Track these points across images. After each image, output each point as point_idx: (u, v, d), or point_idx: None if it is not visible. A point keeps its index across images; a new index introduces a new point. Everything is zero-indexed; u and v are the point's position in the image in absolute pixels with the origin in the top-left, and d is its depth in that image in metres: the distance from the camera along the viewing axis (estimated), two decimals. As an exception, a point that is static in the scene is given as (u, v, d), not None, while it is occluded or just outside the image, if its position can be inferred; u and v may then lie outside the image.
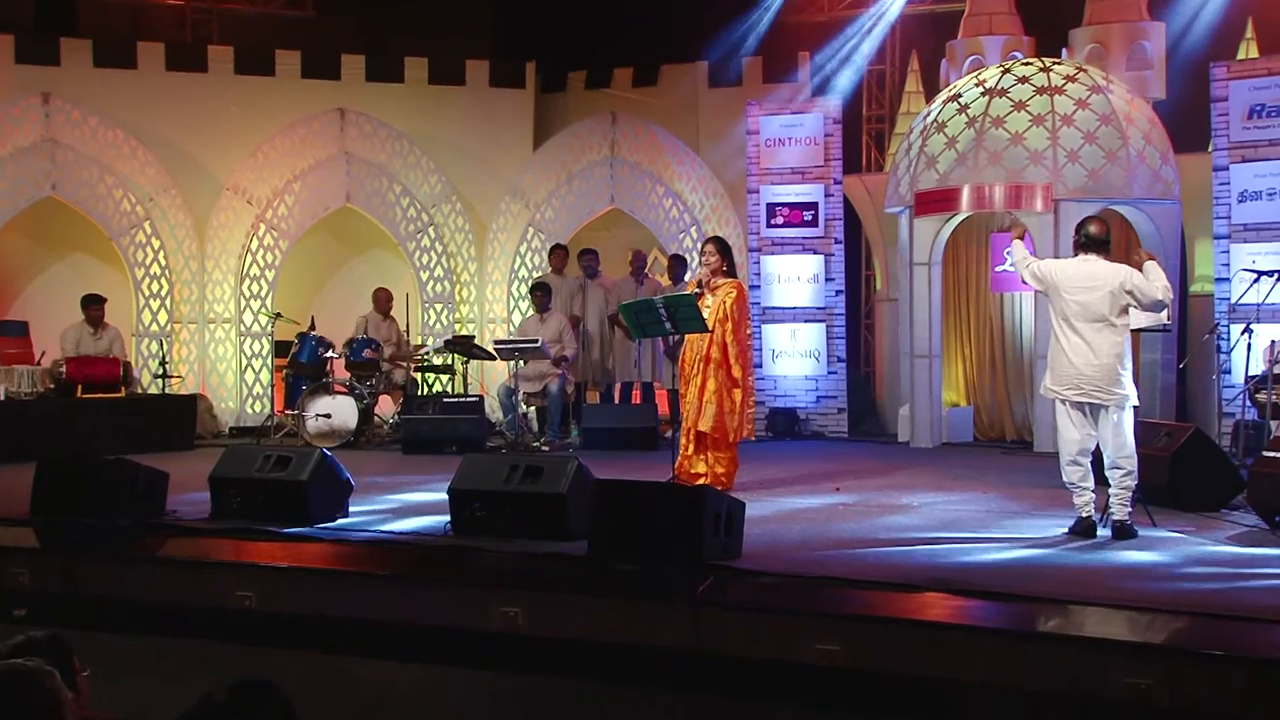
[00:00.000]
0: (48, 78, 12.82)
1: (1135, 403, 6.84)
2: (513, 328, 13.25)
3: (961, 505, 8.02)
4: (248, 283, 13.10)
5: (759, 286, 12.66)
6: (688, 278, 11.49)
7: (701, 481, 8.13)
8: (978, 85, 11.33)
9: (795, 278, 12.65)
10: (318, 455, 7.36)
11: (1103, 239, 6.96)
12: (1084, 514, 6.86)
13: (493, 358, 11.82)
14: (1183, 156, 11.25)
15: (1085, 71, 11.15)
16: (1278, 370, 8.98)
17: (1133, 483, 6.80)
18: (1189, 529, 7.06)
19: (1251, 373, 9.57)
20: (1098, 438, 6.86)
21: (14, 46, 12.99)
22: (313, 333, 11.98)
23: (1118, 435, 6.78)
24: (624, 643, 5.50)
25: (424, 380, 12.84)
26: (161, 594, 6.38)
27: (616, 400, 12.54)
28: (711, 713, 5.31)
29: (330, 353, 11.76)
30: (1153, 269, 6.85)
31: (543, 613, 5.67)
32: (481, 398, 11.60)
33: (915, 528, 7.20)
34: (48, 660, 3.06)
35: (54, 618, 5.85)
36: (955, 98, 11.40)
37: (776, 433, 12.36)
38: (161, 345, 12.47)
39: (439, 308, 13.60)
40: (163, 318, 12.83)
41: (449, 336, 12.66)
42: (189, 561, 6.56)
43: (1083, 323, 6.79)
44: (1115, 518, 6.79)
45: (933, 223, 11.53)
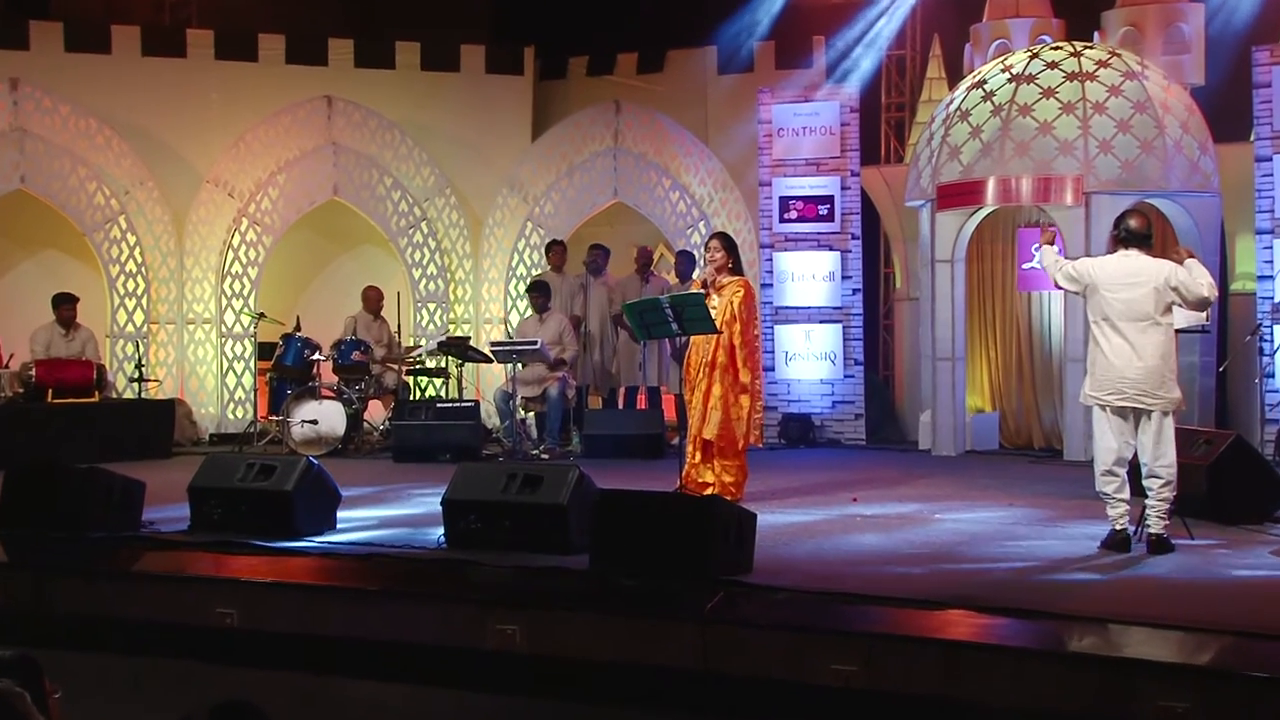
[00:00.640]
0: (16, 63, 12.81)
1: (1182, 407, 6.83)
2: (510, 328, 13.25)
3: (986, 517, 8.02)
4: (229, 281, 13.11)
5: (771, 285, 12.65)
6: (695, 275, 11.49)
7: (710, 491, 8.13)
8: (1004, 71, 11.32)
9: (810, 276, 12.65)
10: (304, 464, 7.37)
11: (1144, 233, 6.94)
12: (1118, 526, 6.85)
13: (489, 360, 11.83)
14: (1222, 146, 11.24)
15: (1118, 56, 11.15)
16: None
17: (1171, 494, 6.79)
18: (1228, 543, 7.05)
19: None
20: (1136, 445, 6.85)
21: (-20, 30, 13.04)
22: (298, 334, 11.99)
23: (1159, 442, 6.77)
24: (627, 663, 5.51)
25: (416, 384, 12.84)
26: (138, 611, 6.38)
27: (620, 405, 12.53)
28: (721, 737, 5.32)
29: (317, 355, 11.78)
30: (1195, 265, 6.83)
31: (541, 631, 5.67)
32: (477, 403, 11.61)
33: (937, 541, 7.20)
34: (17, 682, 3.06)
35: (23, 636, 5.86)
36: (980, 84, 11.40)
37: (790, 440, 12.35)
38: (137, 347, 12.48)
39: (432, 307, 13.61)
40: (139, 318, 12.84)
41: (443, 338, 12.66)
42: (167, 577, 6.57)
43: (1125, 322, 6.77)
44: (1151, 531, 6.79)
45: (956, 217, 11.52)
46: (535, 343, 11.10)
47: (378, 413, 12.53)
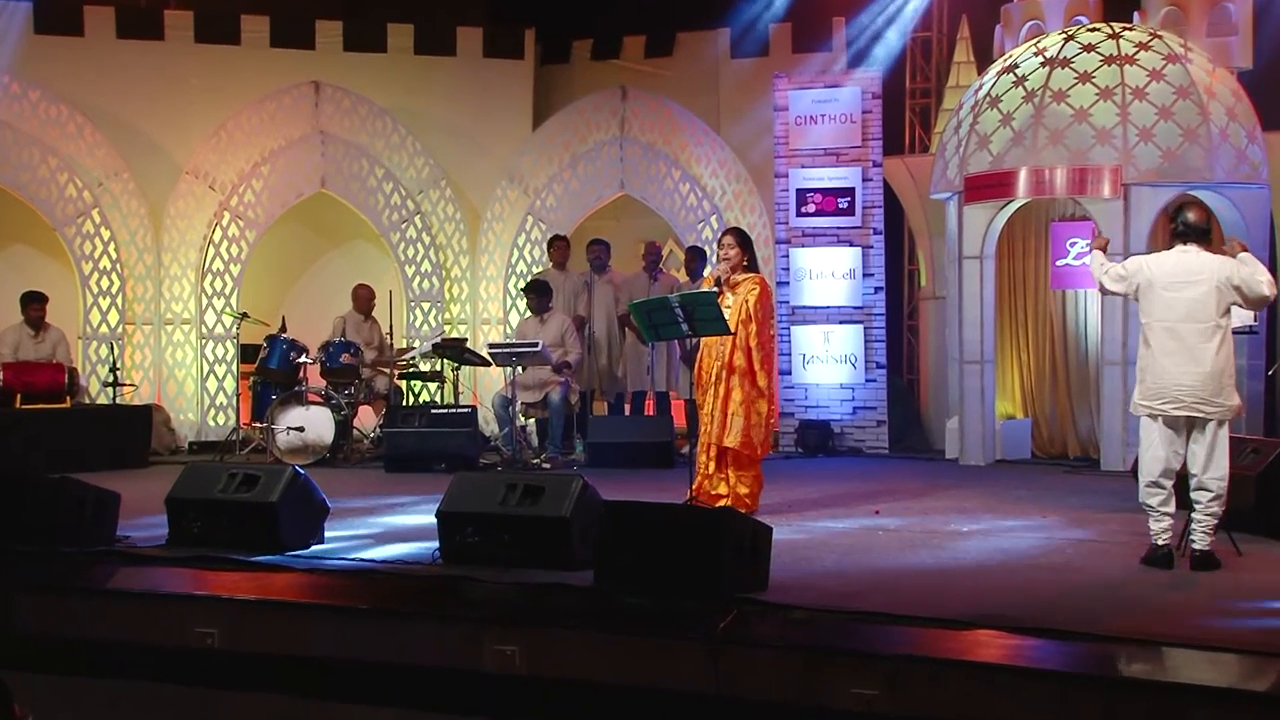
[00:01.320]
0: (-17, 46, 12.91)
1: (1241, 414, 6.79)
2: (509, 329, 13.27)
3: (1018, 531, 8.01)
4: (210, 279, 13.13)
5: (788, 283, 12.66)
6: (707, 273, 11.48)
7: (723, 503, 8.13)
8: (1037, 54, 11.32)
9: (829, 273, 12.65)
10: (289, 474, 7.37)
11: (1204, 227, 6.90)
12: (1160, 541, 6.83)
13: (487, 364, 11.83)
14: (1271, 134, 11.23)
15: (1160, 38, 11.13)
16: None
17: (1219, 508, 6.76)
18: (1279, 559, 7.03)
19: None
20: (1185, 456, 6.83)
21: (-56, 12, 13.09)
22: (284, 335, 12.00)
23: (1212, 454, 6.74)
24: (634, 686, 5.50)
25: (409, 389, 12.85)
26: (112, 631, 6.38)
27: (627, 412, 12.54)
28: (734, 766, 5.31)
29: (303, 358, 11.78)
30: (1250, 260, 6.79)
31: (542, 651, 5.67)
32: (474, 409, 11.62)
33: (965, 557, 7.19)
34: (-16, 705, 3.07)
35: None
36: (1011, 69, 11.39)
37: (807, 448, 12.35)
38: (112, 349, 12.49)
39: (426, 307, 13.63)
40: (113, 318, 12.87)
41: (438, 339, 12.67)
42: (143, 594, 6.56)
43: (1184, 324, 6.73)
44: (1196, 546, 6.77)
45: (985, 211, 11.52)
46: (536, 345, 11.09)
47: (368, 419, 12.54)
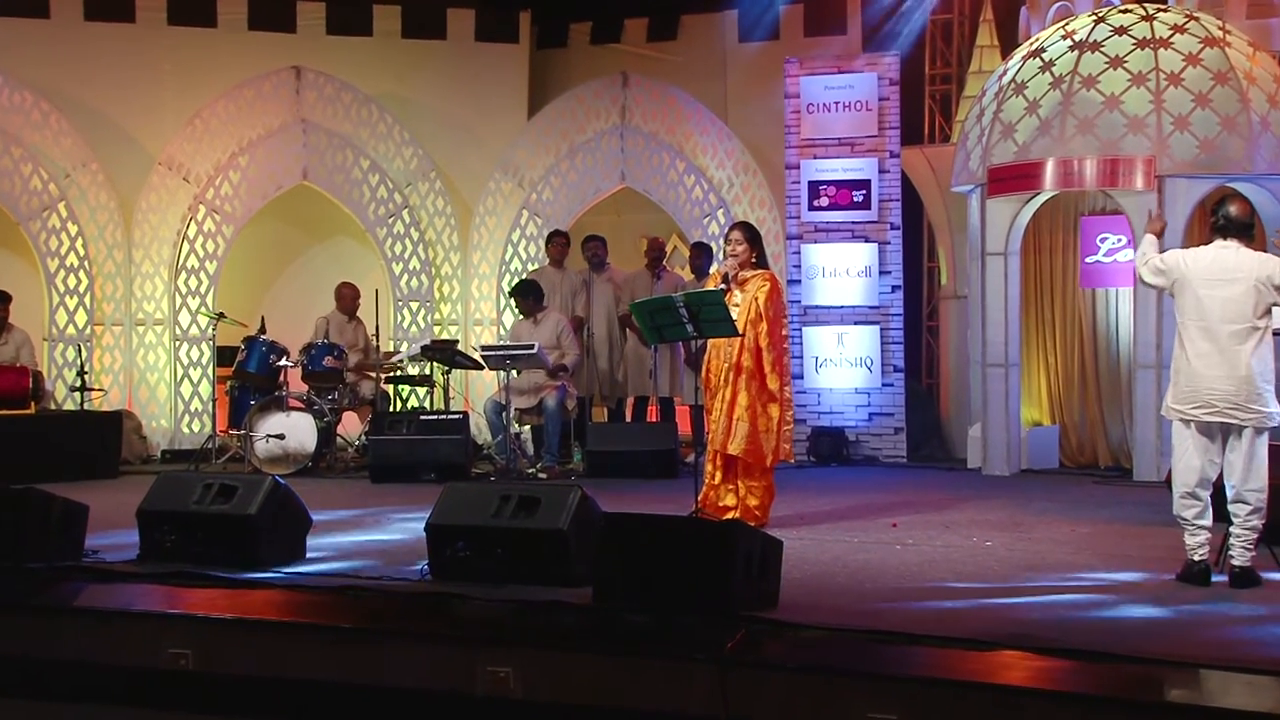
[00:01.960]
0: (-60, 28, 12.92)
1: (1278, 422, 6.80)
2: (503, 331, 13.27)
3: (1045, 545, 8.01)
4: (184, 276, 13.14)
5: (799, 281, 12.66)
6: (713, 270, 11.49)
7: (731, 516, 8.15)
8: (1065, 37, 11.32)
9: (843, 271, 12.66)
10: (269, 484, 7.37)
11: (1246, 221, 6.91)
12: (1196, 557, 6.83)
13: (479, 367, 11.84)
14: (1314, 123, 11.23)
15: (1197, 20, 11.13)
16: None
17: (1259, 522, 6.77)
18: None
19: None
20: (1221, 466, 6.83)
21: (-101, -9, 13.10)
22: (263, 337, 12.01)
23: (1250, 464, 6.74)
24: (636, 710, 5.50)
25: (397, 394, 12.85)
26: (79, 651, 6.37)
27: (628, 418, 12.55)
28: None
29: (284, 361, 11.78)
30: None
31: (538, 673, 5.67)
32: (466, 415, 11.62)
33: (988, 573, 7.19)
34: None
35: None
36: (1038, 53, 11.39)
37: (821, 457, 12.36)
38: (79, 352, 12.49)
39: (415, 307, 13.63)
40: (81, 319, 12.87)
41: (427, 341, 12.68)
42: (112, 613, 6.56)
43: (1218, 325, 6.74)
44: (1235, 562, 6.77)
45: (1010, 204, 11.52)
46: (532, 347, 11.09)
47: (353, 426, 12.54)
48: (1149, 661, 5.38)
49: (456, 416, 11.42)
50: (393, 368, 12.48)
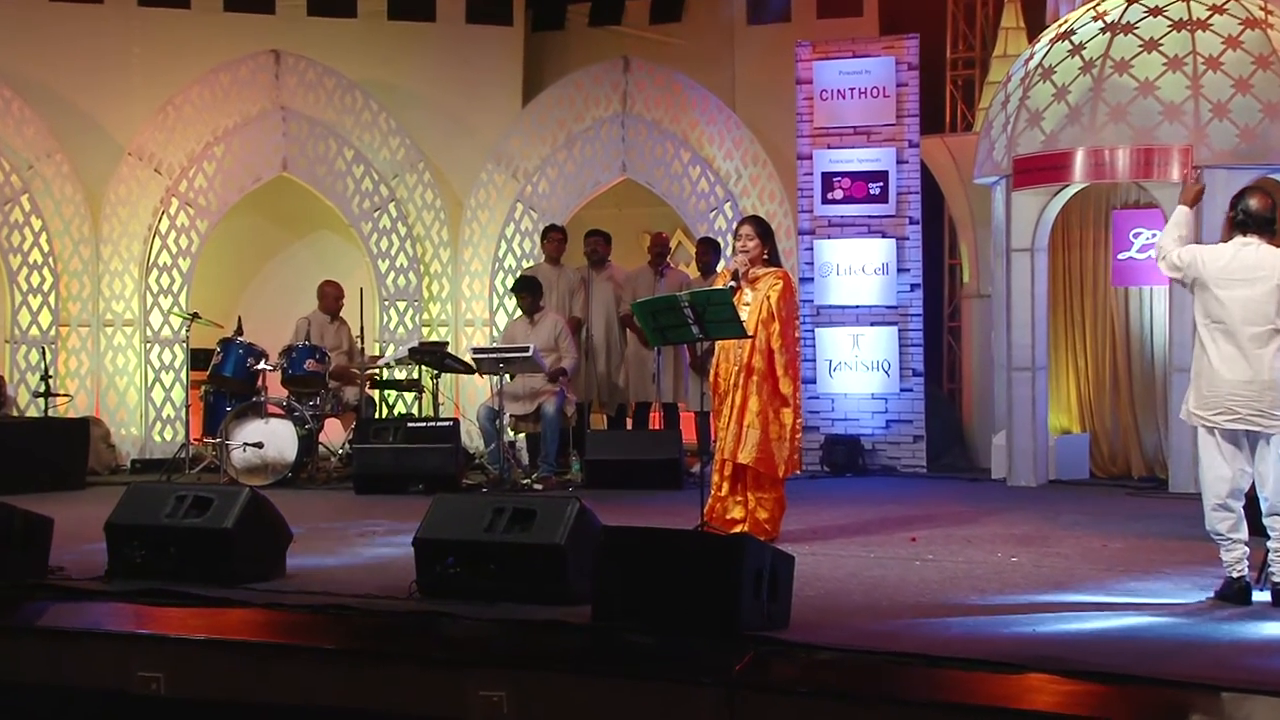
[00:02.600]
0: (-103, 10, 12.95)
1: None
2: (496, 332, 13.27)
3: (1074, 561, 8.01)
4: (156, 274, 13.15)
5: (812, 279, 12.67)
6: (721, 267, 11.50)
7: (739, 529, 8.14)
8: (1096, 19, 11.33)
9: (859, 268, 12.66)
10: (246, 496, 7.37)
11: (1267, 216, 6.90)
12: (1234, 573, 6.82)
13: (471, 371, 11.84)
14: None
15: (1237, 0, 11.14)
16: None
17: (1298, 534, 6.78)
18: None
19: None
20: (1253, 475, 6.83)
21: None
22: (240, 339, 12.01)
23: (1282, 473, 6.76)
24: (639, 737, 5.51)
25: (383, 400, 12.86)
26: (43, 674, 6.38)
27: (629, 425, 12.54)
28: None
29: (262, 364, 11.80)
30: None
31: (534, 697, 5.67)
32: (457, 422, 11.62)
33: (1014, 589, 7.19)
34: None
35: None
36: (1066, 35, 11.40)
37: (835, 467, 12.36)
38: (43, 355, 12.50)
39: (402, 306, 13.64)
40: (45, 319, 12.88)
41: (415, 343, 12.69)
42: (79, 633, 6.56)
43: (1239, 326, 6.74)
44: (1275, 579, 6.76)
45: (1037, 197, 11.52)
46: (527, 349, 11.10)
47: (336, 434, 12.54)
48: (1186, 685, 5.38)
49: (446, 424, 11.42)
50: (378, 372, 12.48)
